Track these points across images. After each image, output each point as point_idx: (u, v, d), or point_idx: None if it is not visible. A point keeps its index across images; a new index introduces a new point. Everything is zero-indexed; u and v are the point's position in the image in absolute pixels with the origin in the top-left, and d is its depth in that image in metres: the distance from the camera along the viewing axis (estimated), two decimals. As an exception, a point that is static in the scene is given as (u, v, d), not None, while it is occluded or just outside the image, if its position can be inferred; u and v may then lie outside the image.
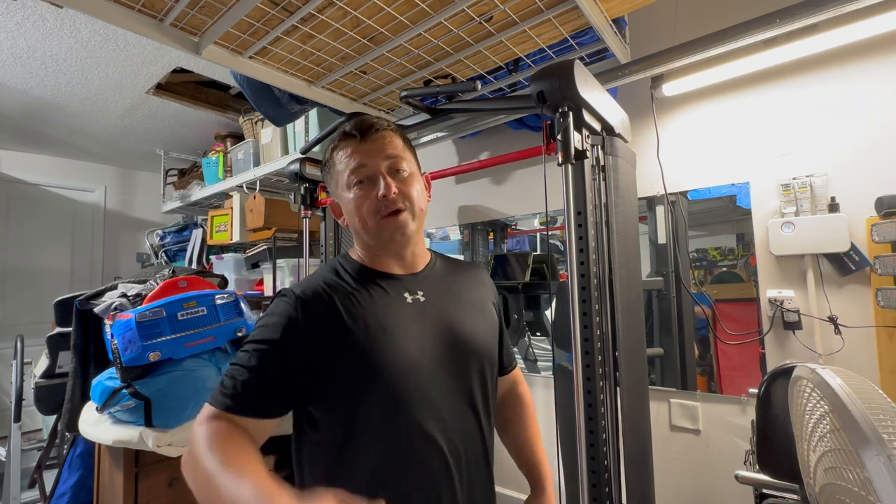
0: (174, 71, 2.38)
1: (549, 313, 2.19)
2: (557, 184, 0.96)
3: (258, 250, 2.95)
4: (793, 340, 1.54)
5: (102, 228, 3.94)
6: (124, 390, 1.45)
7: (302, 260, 1.77)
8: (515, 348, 2.23)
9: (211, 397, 0.73)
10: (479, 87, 1.20)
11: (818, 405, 0.72)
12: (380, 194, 0.79)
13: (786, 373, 0.91)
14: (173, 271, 1.99)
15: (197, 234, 3.28)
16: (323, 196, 1.70)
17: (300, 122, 2.47)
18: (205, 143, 3.42)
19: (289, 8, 1.17)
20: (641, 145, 1.84)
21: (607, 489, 0.92)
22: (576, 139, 0.93)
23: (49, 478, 2.09)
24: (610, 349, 1.00)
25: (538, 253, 2.26)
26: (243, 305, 1.73)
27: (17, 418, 2.35)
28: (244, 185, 2.85)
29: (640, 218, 1.86)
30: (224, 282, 2.29)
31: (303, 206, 1.68)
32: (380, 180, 0.80)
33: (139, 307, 1.54)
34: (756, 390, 1.00)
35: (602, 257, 1.01)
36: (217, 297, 1.65)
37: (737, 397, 1.65)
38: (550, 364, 2.12)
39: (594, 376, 0.92)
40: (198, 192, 3.29)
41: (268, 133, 2.70)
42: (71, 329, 1.82)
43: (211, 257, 3.11)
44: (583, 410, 0.92)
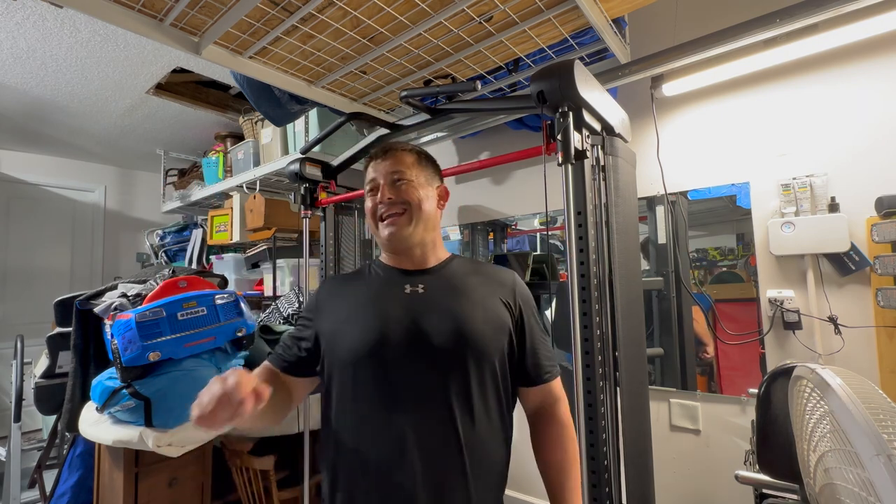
0: (174, 71, 2.38)
1: (549, 313, 2.19)
2: (557, 184, 0.96)
3: (258, 250, 2.95)
4: (793, 340, 1.54)
5: (102, 228, 3.94)
6: (124, 390, 1.45)
7: (302, 260, 1.77)
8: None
9: (268, 356, 0.99)
10: (479, 87, 1.20)
11: (818, 405, 0.72)
12: (377, 199, 0.95)
13: (786, 373, 0.91)
14: (173, 271, 1.99)
15: (197, 234, 3.29)
16: (323, 196, 1.70)
17: (300, 122, 2.47)
18: (205, 143, 3.42)
19: (289, 8, 1.17)
20: (641, 145, 1.84)
21: (607, 489, 0.92)
22: (576, 139, 0.93)
23: (49, 478, 2.09)
24: (610, 349, 1.00)
25: (538, 253, 2.26)
26: (243, 305, 1.73)
27: (17, 418, 2.35)
28: (244, 185, 2.85)
29: (640, 218, 1.86)
30: (224, 282, 2.29)
31: (303, 206, 1.68)
32: (380, 189, 0.95)
33: (139, 307, 1.54)
34: (756, 390, 1.00)
35: (602, 257, 1.01)
36: (217, 297, 1.66)
37: (737, 397, 1.65)
38: (550, 364, 2.12)
39: (594, 376, 0.92)
40: (198, 192, 3.29)
41: (268, 133, 2.70)
42: (71, 329, 1.82)
43: (211, 257, 3.11)
44: (583, 410, 0.92)
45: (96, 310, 1.69)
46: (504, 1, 1.15)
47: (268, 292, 2.74)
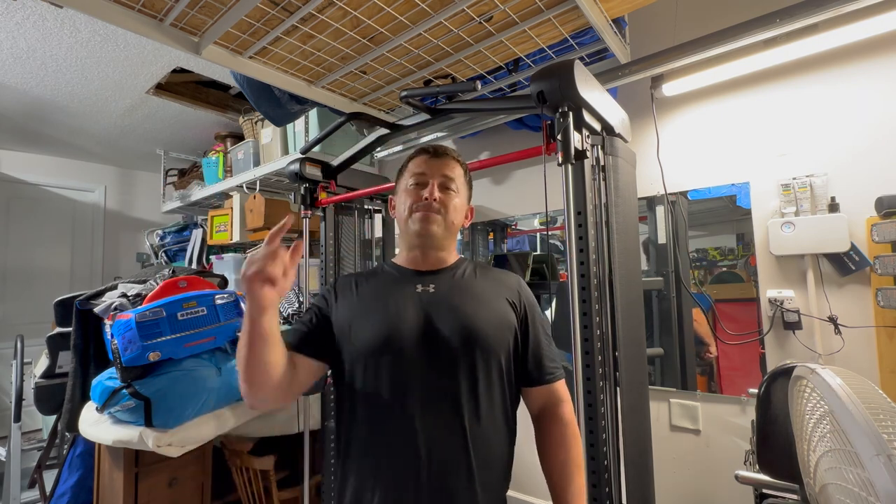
0: (174, 71, 2.38)
1: (549, 313, 2.19)
2: (557, 184, 0.96)
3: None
4: (793, 340, 1.54)
5: (102, 228, 3.94)
6: (124, 390, 1.45)
7: (302, 260, 1.77)
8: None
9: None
10: (479, 87, 1.20)
11: (818, 405, 0.72)
12: (424, 194, 0.96)
13: (786, 373, 0.91)
14: (173, 271, 1.99)
15: (197, 234, 3.28)
16: (323, 196, 1.70)
17: (300, 122, 2.47)
18: (205, 143, 3.42)
19: (289, 8, 1.17)
20: (641, 145, 1.84)
21: (607, 489, 0.92)
22: (576, 139, 0.93)
23: (49, 478, 2.09)
24: (610, 349, 1.00)
25: (538, 253, 2.26)
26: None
27: (17, 418, 2.35)
28: (244, 185, 2.85)
29: (640, 218, 1.85)
30: (224, 282, 2.29)
31: (303, 206, 1.68)
32: (429, 185, 0.97)
33: (139, 307, 1.54)
34: (756, 390, 1.00)
35: (602, 257, 1.01)
36: (217, 297, 1.66)
37: (737, 397, 1.65)
38: (550, 364, 2.12)
39: (594, 376, 0.93)
40: (198, 192, 3.29)
41: (268, 133, 2.70)
42: (71, 329, 1.82)
43: (211, 257, 3.11)
44: (583, 410, 0.92)
45: (96, 310, 1.69)
46: (504, 1, 1.16)
47: (268, 292, 2.73)
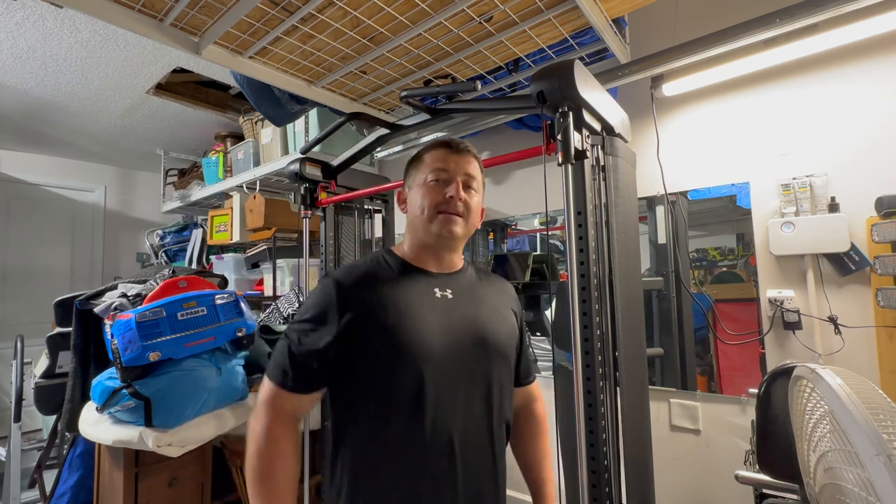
0: (174, 71, 2.38)
1: (549, 313, 2.19)
2: (557, 184, 0.96)
3: (258, 250, 2.95)
4: (793, 340, 1.54)
5: (102, 228, 3.94)
6: (124, 390, 1.45)
7: (302, 260, 1.77)
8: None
9: (269, 372, 0.86)
10: (479, 87, 1.20)
11: (818, 405, 0.72)
12: (448, 194, 0.90)
13: (786, 373, 0.91)
14: (173, 271, 1.99)
15: (197, 234, 3.29)
16: (323, 196, 1.70)
17: (300, 122, 2.47)
18: (205, 143, 3.42)
19: (289, 8, 1.17)
20: (641, 145, 1.84)
21: (607, 489, 0.92)
22: (576, 139, 0.93)
23: (49, 478, 2.09)
24: (610, 349, 1.00)
25: (538, 253, 2.26)
26: (243, 305, 1.73)
27: (17, 418, 2.35)
28: (244, 185, 2.85)
29: (640, 218, 1.85)
30: (224, 282, 2.29)
31: (303, 206, 1.68)
32: (453, 184, 0.91)
33: (139, 307, 1.54)
34: (756, 390, 1.00)
35: (602, 257, 1.01)
36: (217, 297, 1.66)
37: (737, 397, 1.65)
38: (550, 364, 2.12)
39: (594, 376, 0.92)
40: (198, 192, 3.29)
41: (268, 133, 2.70)
42: (71, 329, 1.82)
43: (211, 257, 3.11)
44: (583, 410, 0.92)
45: (96, 310, 1.69)
46: (504, 1, 1.16)
47: (268, 292, 2.74)
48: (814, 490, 0.73)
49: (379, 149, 2.42)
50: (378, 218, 1.98)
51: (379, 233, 1.99)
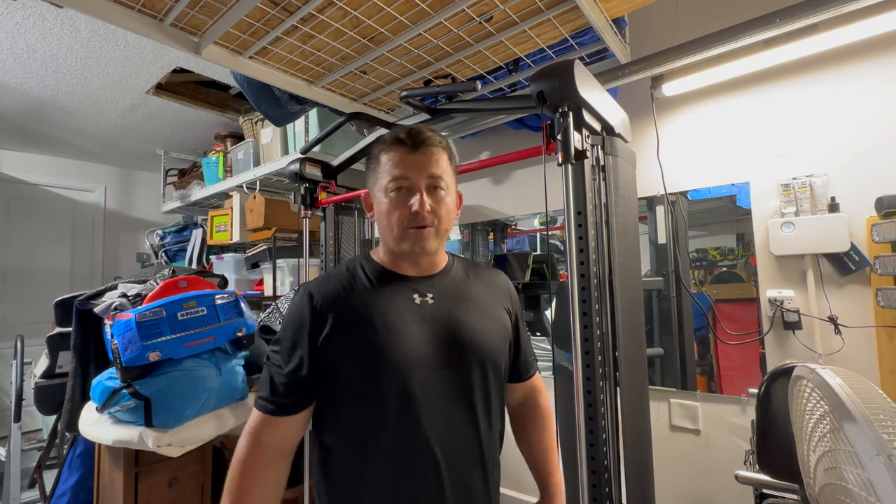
0: (174, 71, 2.38)
1: (549, 313, 2.19)
2: (557, 184, 0.96)
3: (258, 250, 2.95)
4: (793, 340, 1.54)
5: (102, 228, 3.94)
6: (124, 390, 1.45)
7: (302, 260, 1.77)
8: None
9: (255, 401, 0.84)
10: (479, 87, 1.20)
11: (818, 405, 0.72)
12: (413, 209, 0.82)
13: (786, 373, 0.91)
14: (173, 271, 1.98)
15: (197, 234, 3.28)
16: (323, 196, 1.70)
17: (300, 122, 2.47)
18: (205, 143, 3.42)
19: (289, 8, 1.17)
20: (641, 145, 1.84)
21: (607, 489, 0.92)
22: (576, 139, 0.93)
23: (49, 478, 2.09)
24: (610, 349, 1.00)
25: (538, 253, 2.26)
26: (243, 305, 1.73)
27: (17, 418, 2.35)
28: (244, 185, 2.85)
29: (640, 218, 1.86)
30: (224, 282, 2.29)
31: (303, 206, 1.68)
32: (416, 195, 0.83)
33: (139, 307, 1.54)
34: (756, 390, 1.00)
35: (602, 257, 1.01)
36: (217, 297, 1.65)
37: (737, 397, 1.65)
38: (550, 364, 2.12)
39: (594, 376, 0.92)
40: (198, 192, 3.29)
41: (268, 133, 2.70)
42: (71, 329, 1.82)
43: (211, 257, 3.11)
44: (583, 410, 0.92)
45: (96, 310, 1.69)
46: (504, 1, 1.15)
47: (268, 292, 2.74)
48: (814, 490, 0.73)
49: (379, 149, 2.41)
50: (378, 218, 1.97)
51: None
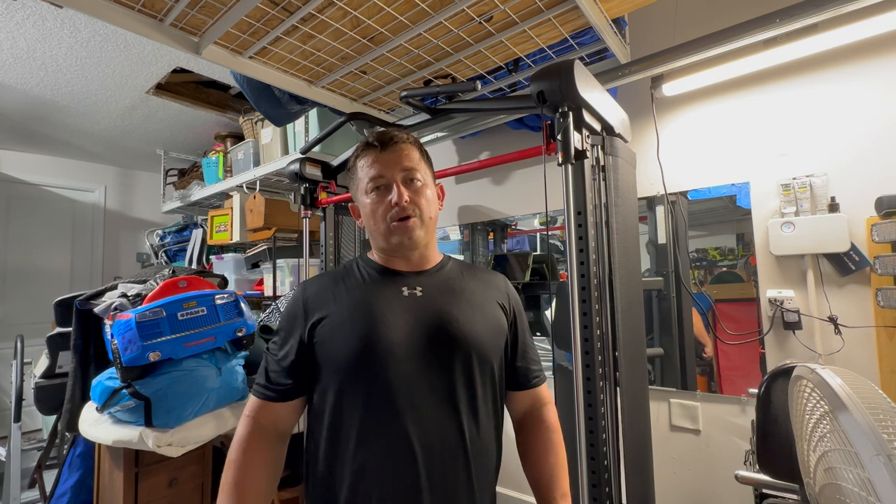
0: (174, 71, 2.38)
1: (549, 313, 2.19)
2: (557, 184, 0.96)
3: (258, 250, 2.95)
4: (793, 340, 1.54)
5: (102, 228, 3.94)
6: (124, 390, 1.45)
7: (302, 260, 1.77)
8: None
9: (253, 386, 0.89)
10: (479, 87, 1.20)
11: (818, 405, 0.72)
12: (392, 201, 0.86)
13: (786, 373, 0.91)
14: (173, 271, 1.98)
15: (197, 234, 3.29)
16: (323, 196, 1.70)
17: (300, 122, 2.47)
18: (205, 143, 3.42)
19: (289, 8, 1.17)
20: (641, 145, 1.84)
21: (607, 489, 0.92)
22: (576, 139, 0.93)
23: (49, 478, 2.09)
24: (610, 349, 1.00)
25: (538, 253, 2.26)
26: (243, 305, 1.73)
27: (17, 418, 2.35)
28: (244, 185, 2.85)
29: (640, 218, 1.85)
30: (224, 282, 2.29)
31: (303, 206, 1.68)
32: (394, 188, 0.87)
33: (139, 307, 1.54)
34: (756, 390, 1.00)
35: (602, 257, 1.01)
36: (217, 297, 1.65)
37: (737, 397, 1.65)
38: (550, 364, 2.12)
39: (594, 376, 0.92)
40: (198, 192, 3.29)
41: (268, 133, 2.70)
42: (71, 329, 1.82)
43: (211, 257, 3.11)
44: (583, 410, 0.92)
45: (96, 310, 1.69)
46: (504, 1, 1.16)
47: (268, 292, 2.74)
48: (814, 490, 0.73)
49: (379, 149, 2.41)
50: (378, 218, 1.97)
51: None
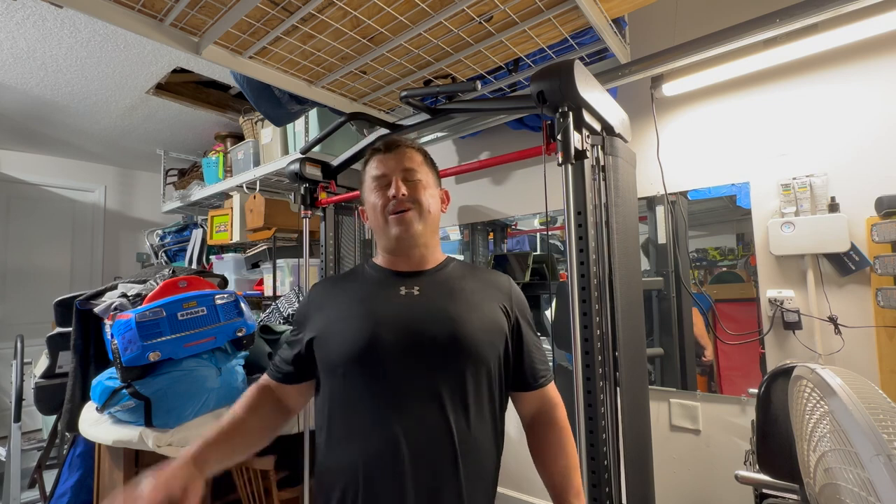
0: (174, 71, 2.38)
1: (549, 313, 2.19)
2: (557, 184, 0.96)
3: (258, 250, 2.95)
4: (793, 340, 1.54)
5: (102, 228, 3.94)
6: (124, 390, 1.45)
7: (302, 260, 1.77)
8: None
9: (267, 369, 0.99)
10: (479, 87, 1.20)
11: (818, 405, 0.72)
12: (390, 194, 0.91)
13: (786, 373, 0.91)
14: (173, 271, 1.99)
15: (197, 234, 3.29)
16: (323, 196, 1.70)
17: (300, 122, 2.47)
18: (205, 143, 3.42)
19: (289, 8, 1.17)
20: (641, 145, 1.84)
21: (607, 489, 0.92)
22: (576, 139, 0.93)
23: (49, 478, 2.09)
24: (610, 349, 1.00)
25: (538, 253, 2.26)
26: (243, 305, 1.73)
27: (17, 418, 2.35)
28: (244, 185, 2.85)
29: (640, 218, 1.85)
30: (224, 282, 2.29)
31: (303, 206, 1.68)
32: (392, 184, 0.91)
33: (139, 307, 1.54)
34: (756, 390, 1.00)
35: (602, 257, 1.01)
36: (217, 297, 1.65)
37: (737, 397, 1.65)
38: (550, 364, 2.12)
39: (594, 376, 0.92)
40: (198, 192, 3.29)
41: (268, 133, 2.70)
42: (71, 329, 1.82)
43: (211, 257, 3.11)
44: (583, 410, 0.92)
45: (96, 310, 1.69)
46: (504, 1, 1.16)
47: (268, 292, 2.74)
48: (814, 490, 0.73)
49: (379, 149, 2.41)
50: (378, 218, 1.97)
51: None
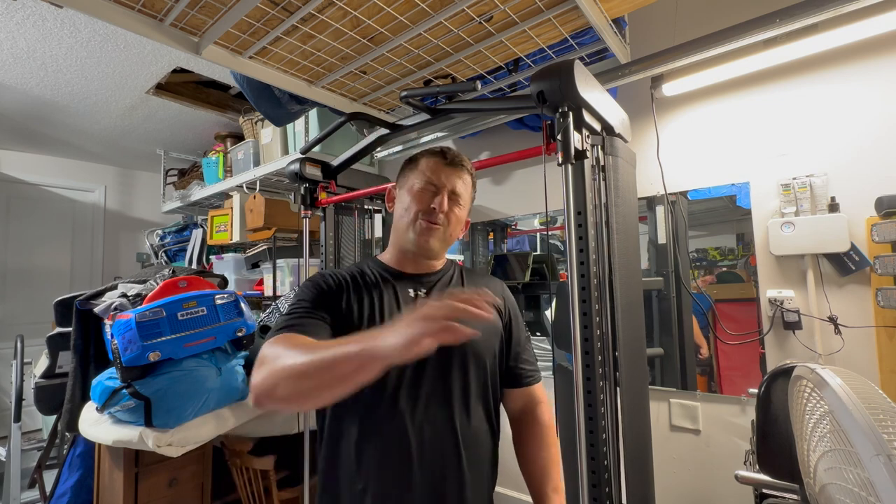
0: (174, 71, 2.38)
1: (549, 313, 2.19)
2: (557, 184, 0.96)
3: (258, 250, 2.95)
4: (793, 340, 1.54)
5: (102, 228, 3.94)
6: (124, 390, 1.45)
7: (302, 260, 1.77)
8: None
9: (272, 330, 0.86)
10: (479, 87, 1.20)
11: (818, 405, 0.72)
12: (433, 205, 0.94)
13: (786, 373, 0.91)
14: (173, 271, 1.99)
15: (197, 234, 3.28)
16: (323, 196, 1.70)
17: (300, 122, 2.47)
18: (205, 143, 3.42)
19: (289, 8, 1.17)
20: (641, 145, 1.84)
21: (607, 489, 0.92)
22: (576, 139, 0.93)
23: (49, 478, 2.09)
24: (610, 349, 1.00)
25: (538, 253, 2.26)
26: (243, 305, 1.73)
27: (17, 418, 2.35)
28: (244, 185, 2.85)
29: (640, 218, 1.85)
30: (224, 282, 2.29)
31: (303, 206, 1.68)
32: (440, 196, 0.95)
33: (139, 307, 1.54)
34: (756, 390, 1.00)
35: (602, 257, 1.01)
36: (217, 297, 1.66)
37: (737, 397, 1.65)
38: (550, 364, 2.12)
39: (594, 376, 0.92)
40: (198, 192, 3.29)
41: (268, 133, 2.70)
42: (71, 329, 1.82)
43: (211, 257, 3.11)
44: (583, 410, 0.92)
45: (96, 310, 1.69)
46: (504, 1, 1.15)
47: (268, 292, 2.74)
48: (814, 490, 0.73)
49: (379, 149, 2.42)
50: (378, 218, 1.98)
51: (379, 233, 1.99)
